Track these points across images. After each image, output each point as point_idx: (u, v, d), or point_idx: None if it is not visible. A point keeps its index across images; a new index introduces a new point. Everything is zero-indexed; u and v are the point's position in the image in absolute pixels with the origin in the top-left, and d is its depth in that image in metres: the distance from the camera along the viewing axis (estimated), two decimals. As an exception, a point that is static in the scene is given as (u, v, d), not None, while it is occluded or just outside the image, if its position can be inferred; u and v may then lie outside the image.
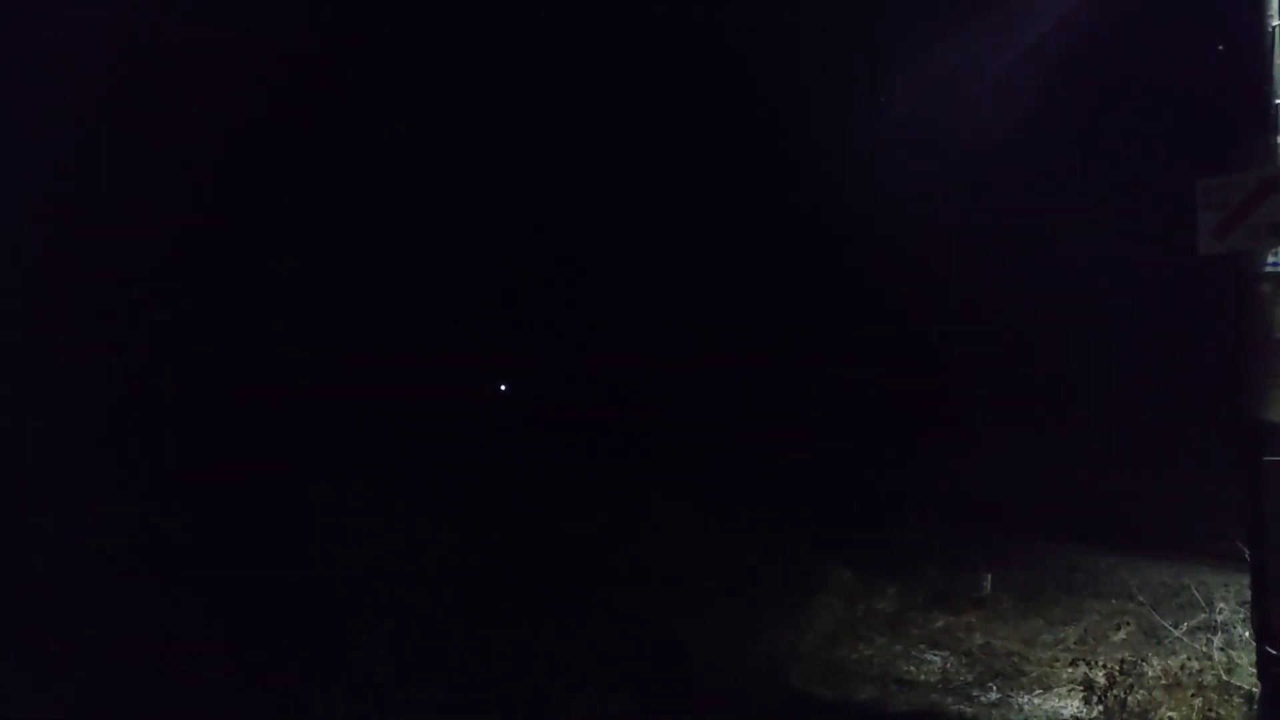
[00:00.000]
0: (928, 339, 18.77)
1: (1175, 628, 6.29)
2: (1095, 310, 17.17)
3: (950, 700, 6.17)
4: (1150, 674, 5.61)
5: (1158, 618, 6.55)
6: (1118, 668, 5.52)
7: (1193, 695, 5.29)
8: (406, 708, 5.97)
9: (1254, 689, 4.96)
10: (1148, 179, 14.17)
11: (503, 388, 32.91)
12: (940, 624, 7.63)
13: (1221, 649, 5.67)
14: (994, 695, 6.21)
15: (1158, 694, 5.36)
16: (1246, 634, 5.56)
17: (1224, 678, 5.36)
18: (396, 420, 16.00)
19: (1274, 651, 4.52)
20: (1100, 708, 5.34)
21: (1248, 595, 5.22)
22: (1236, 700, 5.16)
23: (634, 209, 22.13)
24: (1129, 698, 5.29)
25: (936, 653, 7.05)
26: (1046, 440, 15.25)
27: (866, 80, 18.41)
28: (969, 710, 6.00)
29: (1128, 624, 7.03)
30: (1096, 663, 5.82)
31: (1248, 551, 4.85)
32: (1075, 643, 6.93)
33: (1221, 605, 6.10)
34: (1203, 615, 6.24)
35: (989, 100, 16.47)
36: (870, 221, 19.28)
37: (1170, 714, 5.16)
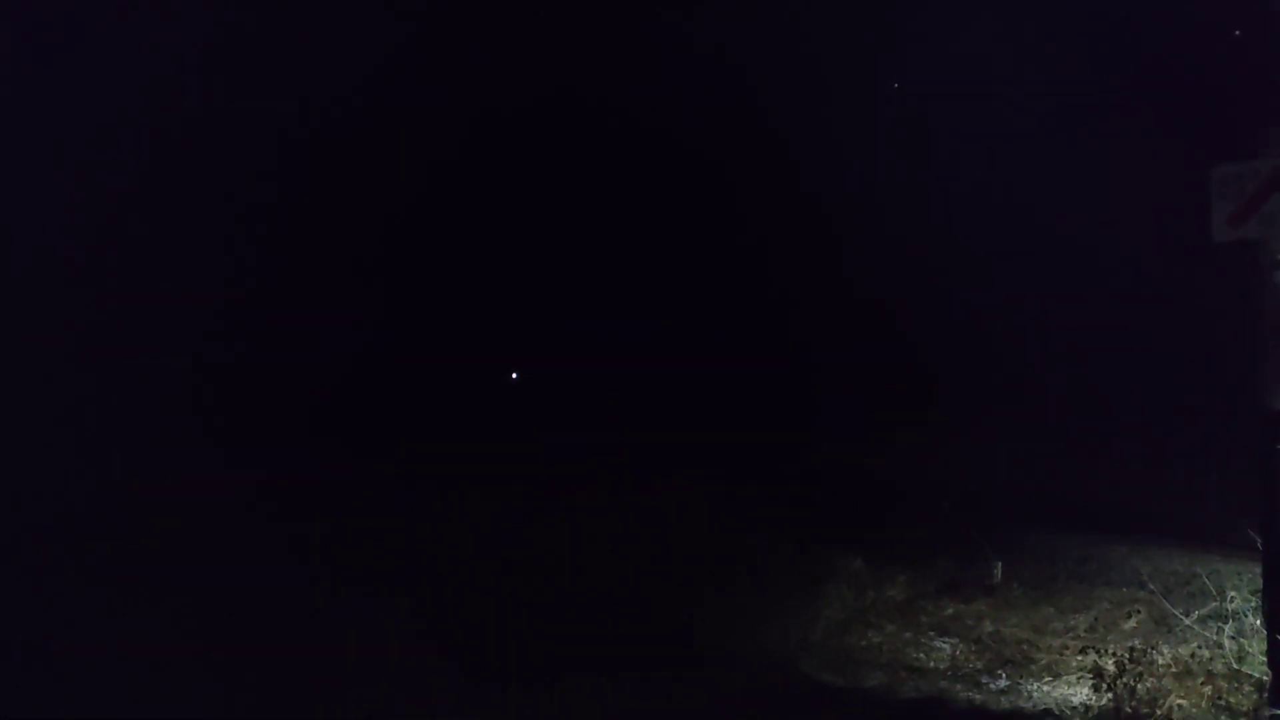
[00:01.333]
0: (938, 331, 18.70)
1: (1186, 616, 6.30)
2: (1108, 302, 17.05)
3: (959, 687, 6.20)
4: (1160, 662, 5.61)
5: (1168, 606, 6.55)
6: (1128, 656, 5.52)
7: (1203, 683, 5.30)
8: (409, 686, 6.04)
9: (1264, 677, 4.97)
10: (1157, 168, 14.05)
11: (514, 375, 33.08)
12: (950, 612, 7.65)
13: (1232, 637, 5.67)
14: (1003, 682, 6.23)
15: (1168, 682, 5.36)
16: (1257, 622, 5.56)
17: (1234, 666, 5.37)
18: (403, 404, 16.13)
19: (1285, 640, 4.53)
20: (1110, 695, 5.34)
21: (1259, 584, 5.22)
22: (1247, 688, 5.17)
23: (639, 205, 22.23)
24: (1138, 685, 5.29)
25: (946, 640, 7.07)
26: (1059, 431, 15.19)
27: (873, 70, 18.35)
28: (977, 697, 6.02)
29: (1138, 612, 7.02)
30: (1106, 650, 5.83)
31: (1259, 540, 4.86)
32: (1085, 631, 6.94)
33: (1233, 594, 6.10)
34: (1214, 603, 6.25)
35: (994, 86, 16.36)
36: (878, 215, 19.23)
37: (1180, 702, 5.17)
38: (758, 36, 18.03)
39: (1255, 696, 5.04)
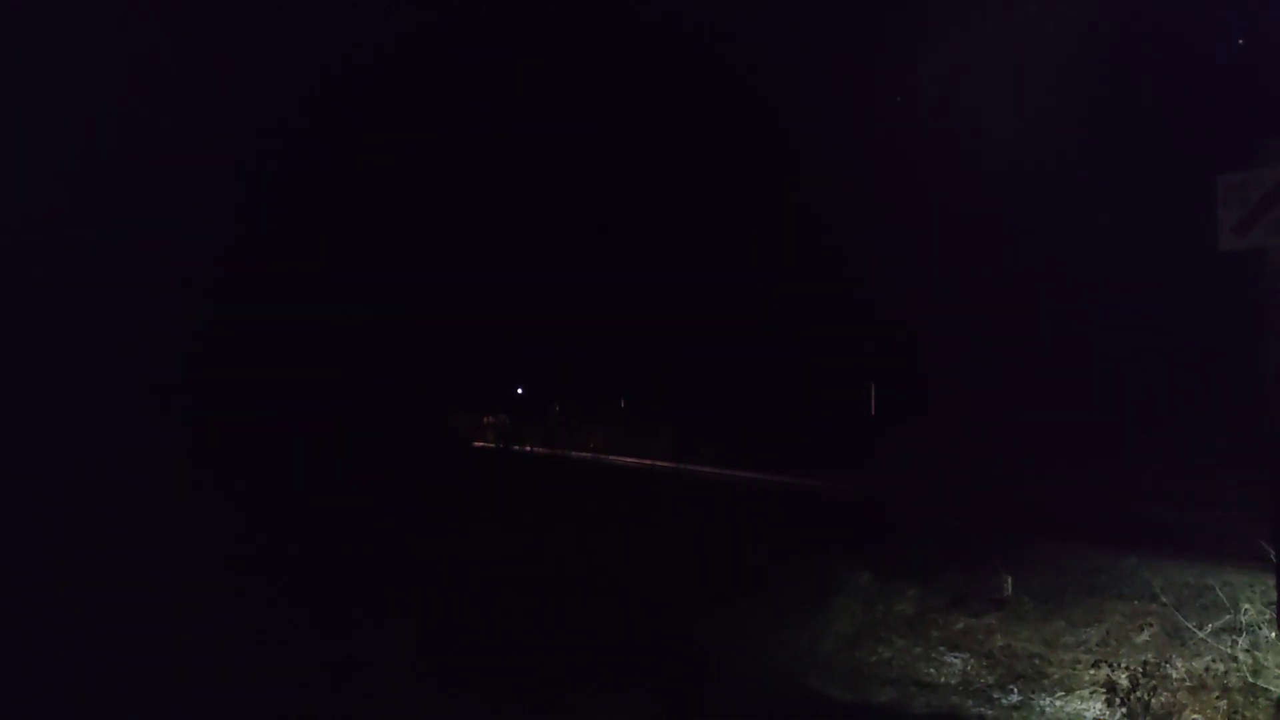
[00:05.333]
0: (947, 341, 18.67)
1: (1199, 629, 6.20)
2: (1116, 310, 17.00)
3: (971, 703, 6.13)
4: (1174, 676, 5.53)
5: (1181, 619, 6.45)
6: (1141, 669, 5.44)
7: (1217, 697, 5.21)
8: (425, 703, 6.00)
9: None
10: (1164, 175, 14.03)
11: (519, 390, 33.13)
12: (960, 626, 7.56)
13: (1247, 650, 5.58)
14: (1015, 697, 6.16)
15: (1182, 696, 5.28)
16: (1272, 635, 5.49)
17: (1249, 679, 5.28)
18: (413, 421, 16.13)
19: (1300, 652, 4.47)
20: (1123, 710, 5.27)
21: (1273, 596, 5.16)
22: (1263, 703, 5.08)
23: (651, 213, 22.34)
24: (1152, 700, 5.22)
25: (957, 655, 6.99)
26: (1068, 442, 15.11)
27: (879, 75, 18.42)
28: (990, 713, 5.95)
29: (1151, 625, 6.91)
30: (1119, 664, 5.75)
31: (1272, 551, 4.81)
32: (1097, 644, 6.84)
33: (1246, 606, 5.99)
34: (1227, 616, 6.14)
35: (1003, 93, 16.38)
36: (881, 221, 19.26)
37: (1195, 717, 5.09)
38: (769, 26, 18.14)
39: (1271, 711, 4.96)
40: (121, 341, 11.25)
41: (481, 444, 27.43)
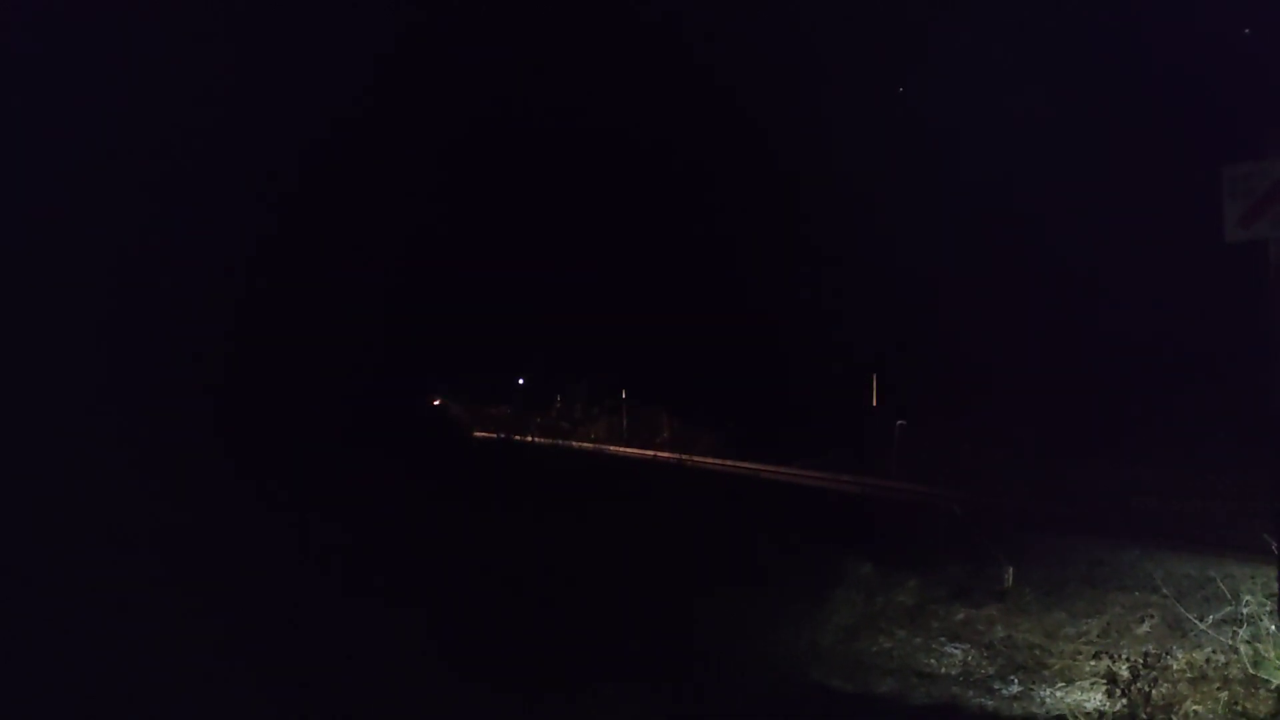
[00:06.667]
0: (946, 335, 18.66)
1: (1200, 620, 6.20)
2: (1117, 303, 16.97)
3: (971, 693, 6.14)
4: (1175, 667, 5.54)
5: (1182, 610, 6.45)
6: (1141, 661, 5.44)
7: (1218, 688, 5.22)
8: (431, 692, 6.02)
9: (1281, 682, 4.91)
10: (1167, 167, 13.99)
11: (520, 381, 33.18)
12: (961, 617, 7.58)
13: (1247, 642, 5.57)
14: (1015, 688, 6.17)
15: (1183, 687, 5.29)
16: (1273, 627, 5.49)
17: (1250, 671, 5.28)
18: (414, 409, 16.17)
19: (1301, 644, 4.47)
20: (1124, 701, 5.27)
21: (1274, 587, 5.16)
22: (1263, 694, 5.08)
23: (658, 218, 22.40)
24: (1153, 691, 5.22)
25: (957, 645, 7.01)
26: (1069, 436, 15.12)
27: (878, 71, 18.38)
28: (990, 703, 5.96)
29: (1151, 617, 6.92)
30: (1120, 656, 5.74)
31: (1274, 543, 4.81)
32: (1098, 635, 6.85)
33: (1248, 598, 5.98)
34: (1228, 608, 6.14)
35: (1003, 89, 16.32)
36: (884, 219, 19.24)
37: (1196, 708, 5.09)
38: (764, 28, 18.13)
39: (1272, 702, 4.96)
40: (126, 339, 11.27)
41: (483, 434, 27.44)
